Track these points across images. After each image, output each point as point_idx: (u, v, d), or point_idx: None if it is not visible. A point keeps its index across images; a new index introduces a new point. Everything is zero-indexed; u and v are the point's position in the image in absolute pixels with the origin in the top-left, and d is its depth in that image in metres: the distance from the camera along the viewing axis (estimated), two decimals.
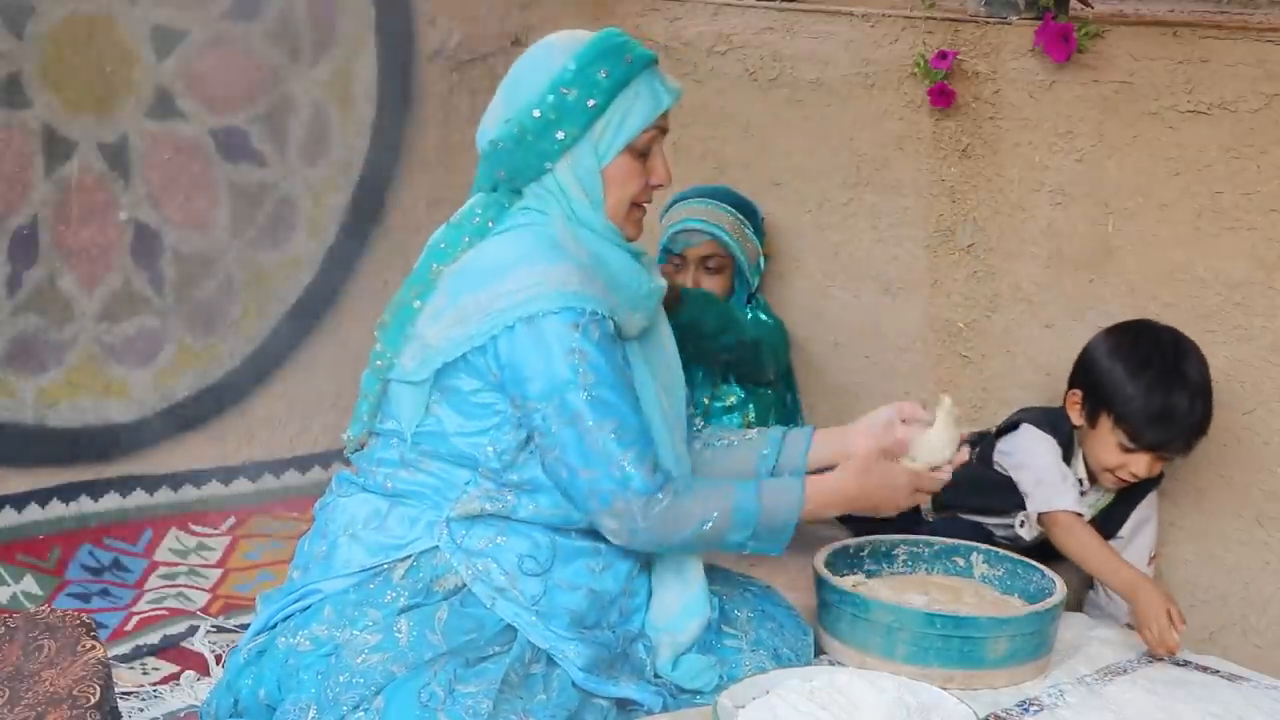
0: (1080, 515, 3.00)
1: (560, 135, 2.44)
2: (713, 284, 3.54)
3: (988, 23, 3.35)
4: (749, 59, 3.78)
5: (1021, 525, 3.08)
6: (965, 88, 3.37)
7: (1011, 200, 3.36)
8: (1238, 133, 3.01)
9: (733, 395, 3.51)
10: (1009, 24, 3.32)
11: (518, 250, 2.42)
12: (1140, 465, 3.01)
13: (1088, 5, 3.32)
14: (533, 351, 2.36)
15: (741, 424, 3.49)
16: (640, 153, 2.50)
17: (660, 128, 2.52)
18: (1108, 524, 3.10)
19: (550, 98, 2.43)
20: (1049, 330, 3.33)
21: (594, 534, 2.50)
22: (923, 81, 3.42)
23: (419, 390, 2.46)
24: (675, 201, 3.58)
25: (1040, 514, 3.01)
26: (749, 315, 3.54)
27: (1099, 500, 3.13)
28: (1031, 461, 3.07)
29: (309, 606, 2.46)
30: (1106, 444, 3.03)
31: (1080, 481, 3.09)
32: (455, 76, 4.10)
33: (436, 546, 2.44)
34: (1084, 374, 3.07)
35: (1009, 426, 3.16)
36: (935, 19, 3.43)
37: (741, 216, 3.55)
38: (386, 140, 3.96)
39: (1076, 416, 3.09)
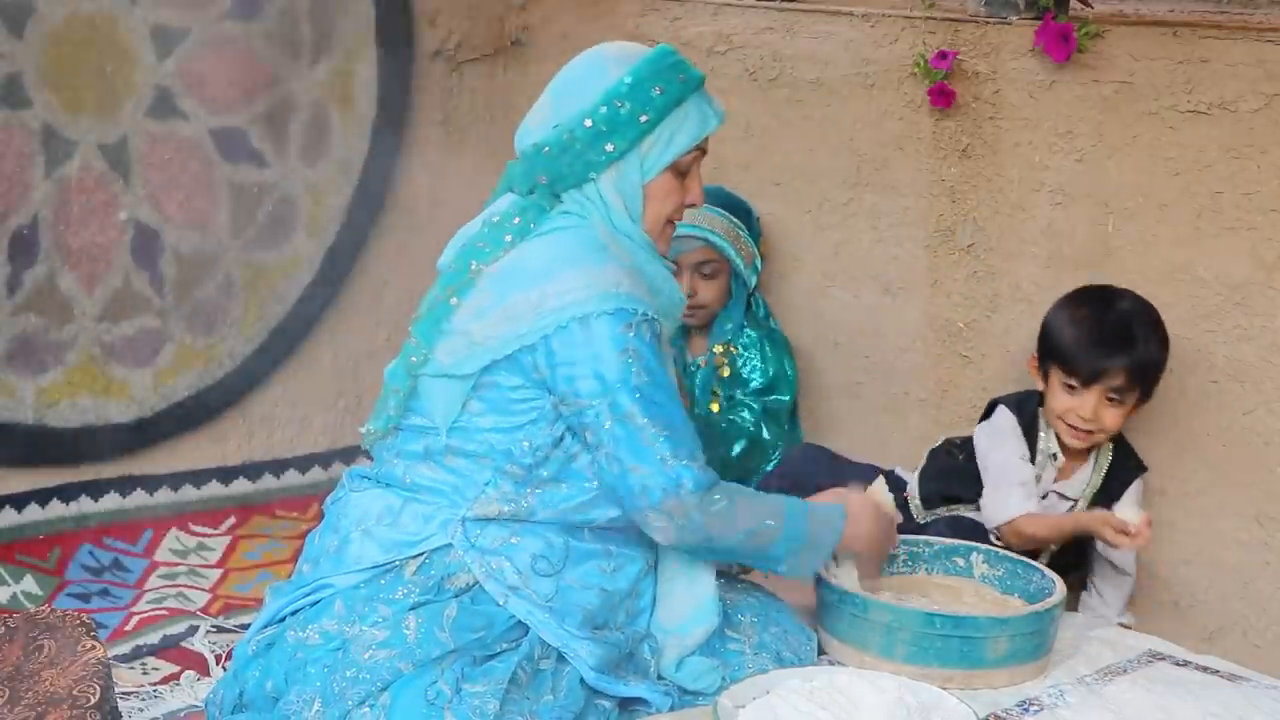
0: (1030, 513, 3.03)
1: (610, 147, 2.47)
2: (709, 289, 3.54)
3: (988, 23, 3.35)
4: (749, 59, 3.78)
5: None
6: (965, 88, 3.38)
7: (1011, 200, 3.36)
8: (1238, 133, 3.01)
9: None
10: (1009, 24, 3.32)
11: (566, 251, 2.45)
12: (1087, 405, 3.02)
13: (1088, 5, 3.32)
14: (586, 350, 2.39)
15: (749, 426, 3.51)
16: (681, 172, 2.55)
17: (702, 149, 2.56)
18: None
19: (603, 109, 2.46)
20: None
21: (605, 536, 2.52)
22: (923, 81, 3.42)
23: (459, 385, 2.47)
24: None
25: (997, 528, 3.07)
26: (753, 335, 3.57)
27: (1086, 489, 3.13)
28: (990, 457, 3.12)
29: (319, 601, 2.46)
30: (1055, 392, 3.07)
31: (1054, 457, 3.11)
32: (455, 76, 4.11)
33: (450, 544, 2.45)
34: (1040, 337, 3.14)
35: (987, 412, 3.20)
36: (935, 19, 3.43)
37: (735, 219, 3.55)
38: (386, 140, 3.96)
39: (1036, 379, 3.14)
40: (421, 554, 2.45)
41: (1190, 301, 3.12)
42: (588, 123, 2.47)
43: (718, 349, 3.59)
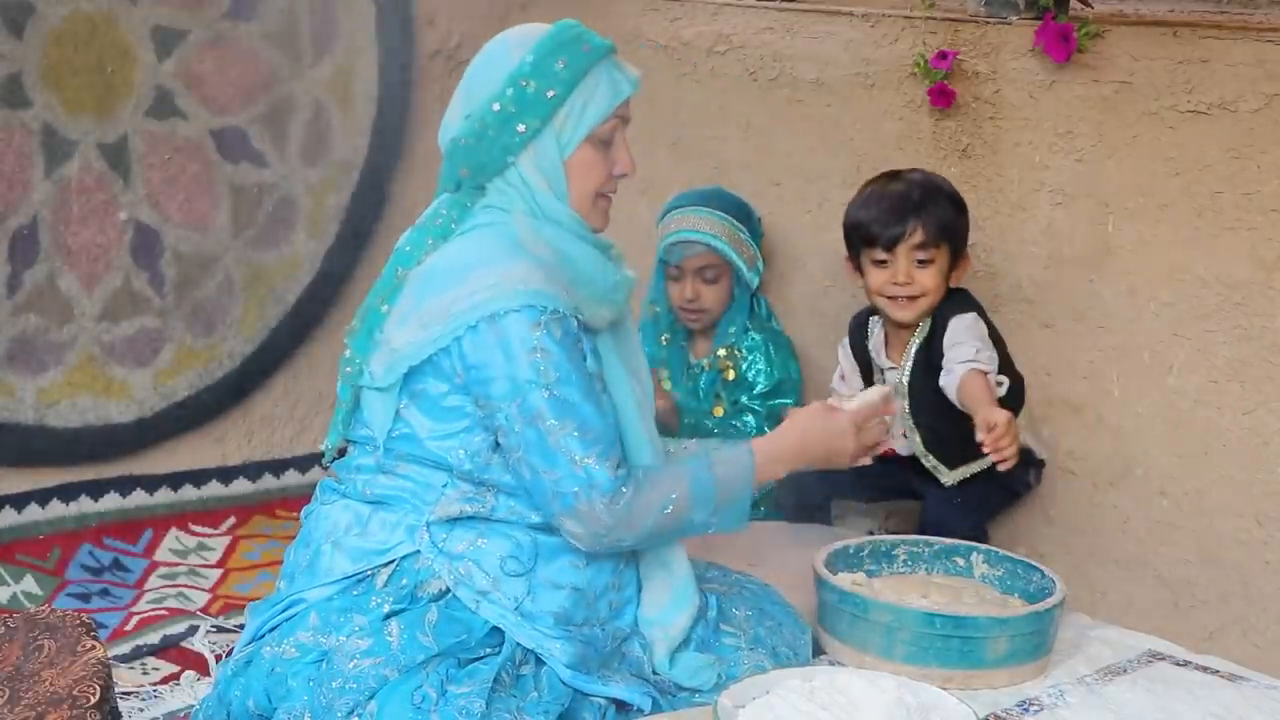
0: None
1: (521, 128, 2.43)
2: (711, 293, 3.54)
3: (988, 23, 3.35)
4: (749, 59, 3.78)
5: None
6: (965, 88, 3.38)
7: (1011, 200, 3.36)
8: (1238, 133, 3.01)
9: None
10: (1009, 24, 3.33)
11: (479, 251, 2.42)
12: (900, 270, 3.16)
13: (1088, 5, 3.32)
14: (495, 351, 2.35)
15: (754, 431, 3.51)
16: (603, 142, 2.50)
17: (621, 116, 2.52)
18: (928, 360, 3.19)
19: (509, 91, 2.43)
20: (1049, 330, 3.33)
21: None
22: (923, 81, 3.42)
23: (388, 396, 2.45)
24: (671, 208, 3.58)
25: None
26: (757, 338, 3.57)
27: (908, 358, 3.22)
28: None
29: (294, 616, 2.46)
30: (871, 273, 3.22)
31: (878, 352, 3.28)
32: (455, 77, 4.08)
33: (418, 551, 2.43)
34: (844, 235, 3.30)
35: None
36: (935, 19, 3.43)
37: (736, 221, 3.55)
38: (386, 140, 3.96)
39: (854, 278, 3.29)
40: (391, 562, 2.43)
41: (1190, 301, 3.12)
42: (495, 106, 2.43)
43: (721, 352, 3.59)
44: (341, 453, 2.64)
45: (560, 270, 2.43)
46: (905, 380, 3.21)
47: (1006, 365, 3.20)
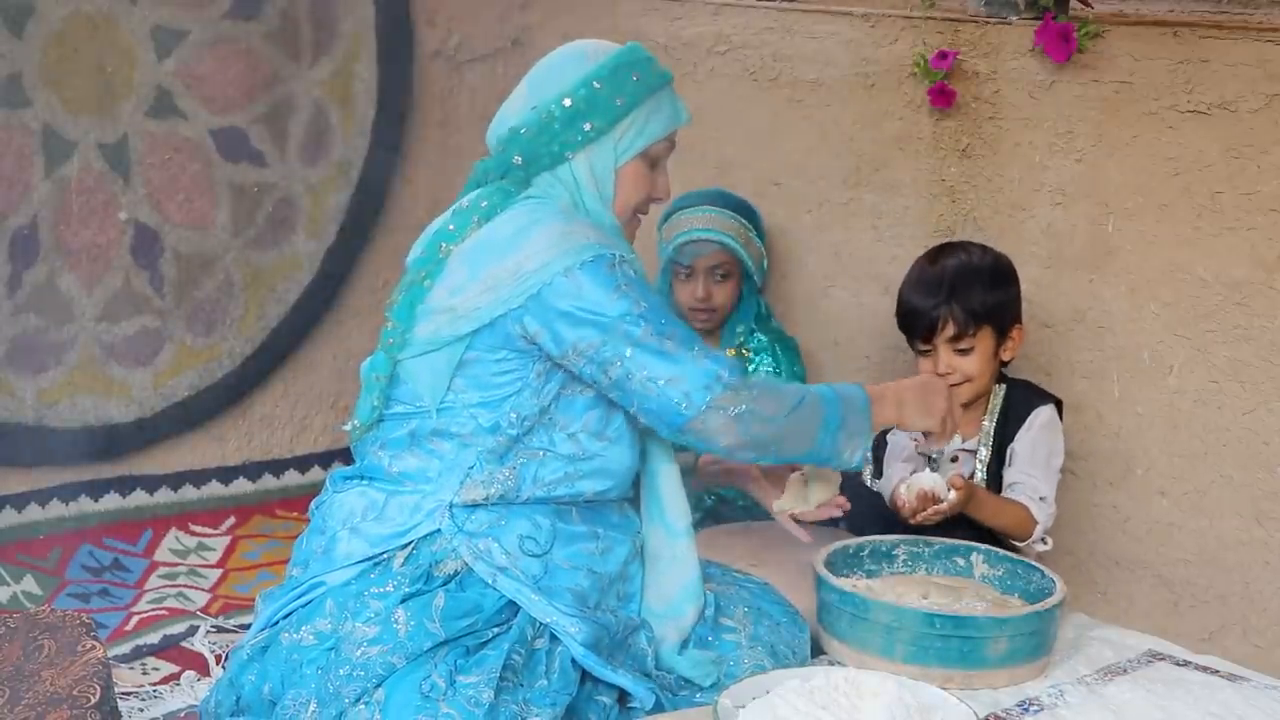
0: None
1: (587, 126, 2.52)
2: (722, 292, 3.54)
3: (988, 23, 3.35)
4: (749, 59, 3.78)
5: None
6: (965, 88, 3.38)
7: (1011, 200, 3.36)
8: (1238, 133, 3.01)
9: None
10: (1009, 24, 3.33)
11: (533, 217, 2.48)
12: (941, 361, 3.07)
13: (1088, 5, 3.32)
14: (577, 301, 2.42)
15: None
16: (653, 161, 2.61)
17: (672, 141, 2.63)
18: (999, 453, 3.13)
19: (583, 90, 2.53)
20: (1049, 330, 3.33)
21: (593, 518, 2.53)
22: (923, 81, 3.42)
23: (444, 356, 2.48)
24: (675, 209, 3.57)
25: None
26: (763, 338, 3.56)
27: (983, 436, 3.13)
28: (888, 449, 3.20)
29: (310, 601, 2.46)
30: (918, 359, 3.14)
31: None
32: (455, 76, 4.11)
33: (438, 530, 2.45)
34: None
35: None
36: (935, 19, 3.43)
37: (745, 221, 3.55)
38: (386, 140, 3.96)
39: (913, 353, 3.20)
40: (409, 543, 2.45)
41: (1190, 301, 3.12)
42: (567, 102, 2.53)
43: (729, 352, 3.58)
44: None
45: (609, 232, 2.54)
46: (982, 460, 3.12)
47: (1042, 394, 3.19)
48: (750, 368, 3.57)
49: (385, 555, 2.45)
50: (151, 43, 3.55)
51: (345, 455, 3.93)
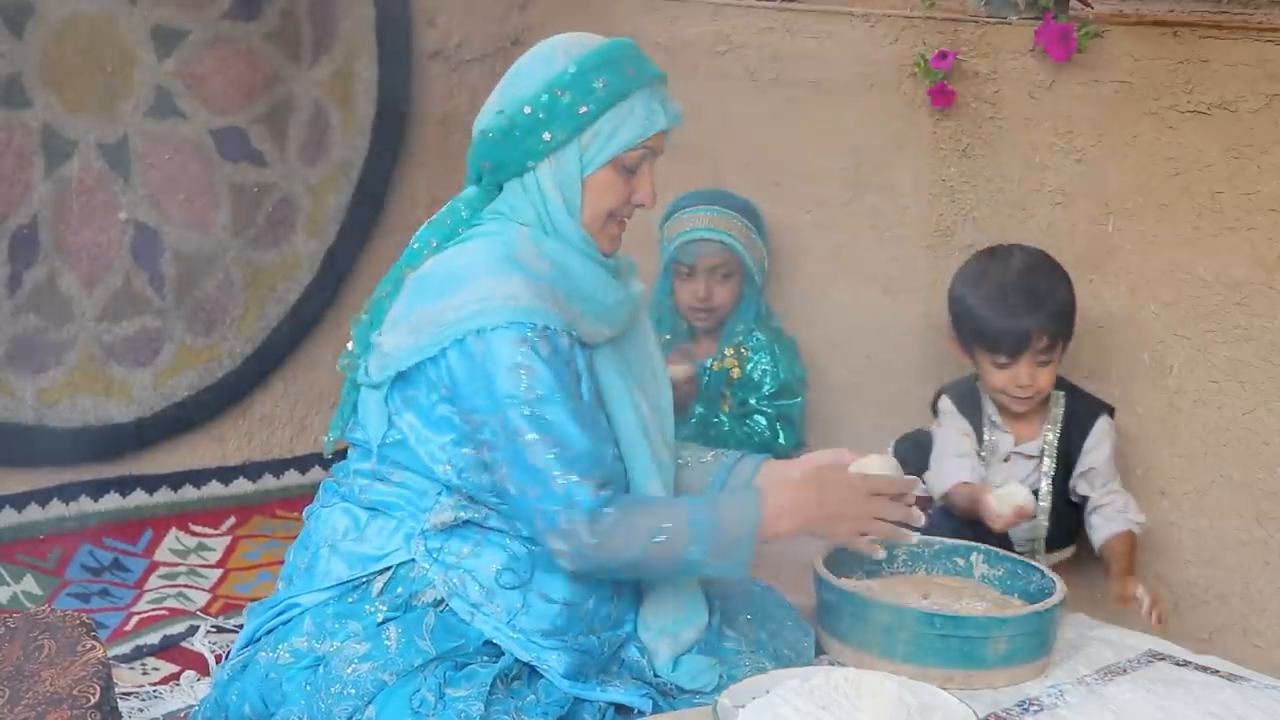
0: (967, 482, 3.03)
1: (547, 136, 2.41)
2: (724, 291, 3.53)
3: (988, 23, 3.35)
4: (749, 59, 3.78)
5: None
6: (965, 88, 3.38)
7: (1011, 200, 3.36)
8: (1238, 133, 3.01)
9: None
10: (1009, 24, 3.33)
11: (472, 262, 2.40)
12: (1022, 375, 3.03)
13: (1088, 5, 3.32)
14: (479, 366, 2.33)
15: (764, 432, 3.50)
16: (627, 169, 2.47)
17: (651, 148, 2.47)
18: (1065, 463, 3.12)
19: (544, 97, 2.40)
20: None
21: None
22: (923, 81, 3.42)
23: (379, 398, 2.45)
24: (676, 209, 3.57)
25: (942, 499, 3.07)
26: (762, 338, 3.56)
27: (1045, 444, 3.11)
28: (935, 436, 3.16)
29: (289, 620, 2.46)
30: (986, 369, 3.08)
31: (996, 424, 3.13)
32: (455, 76, 4.11)
33: (413, 559, 2.42)
34: (952, 321, 3.15)
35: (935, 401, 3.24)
36: (935, 19, 3.43)
37: (747, 221, 3.55)
38: (386, 140, 3.96)
39: (960, 355, 3.15)
40: (386, 569, 2.43)
41: (1190, 301, 3.12)
42: (527, 109, 2.41)
43: (728, 351, 3.58)
44: (341, 454, 2.64)
45: (558, 284, 2.40)
46: (1046, 472, 3.11)
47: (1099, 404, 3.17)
48: (749, 366, 3.57)
49: (363, 579, 2.43)
50: (151, 43, 3.54)
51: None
